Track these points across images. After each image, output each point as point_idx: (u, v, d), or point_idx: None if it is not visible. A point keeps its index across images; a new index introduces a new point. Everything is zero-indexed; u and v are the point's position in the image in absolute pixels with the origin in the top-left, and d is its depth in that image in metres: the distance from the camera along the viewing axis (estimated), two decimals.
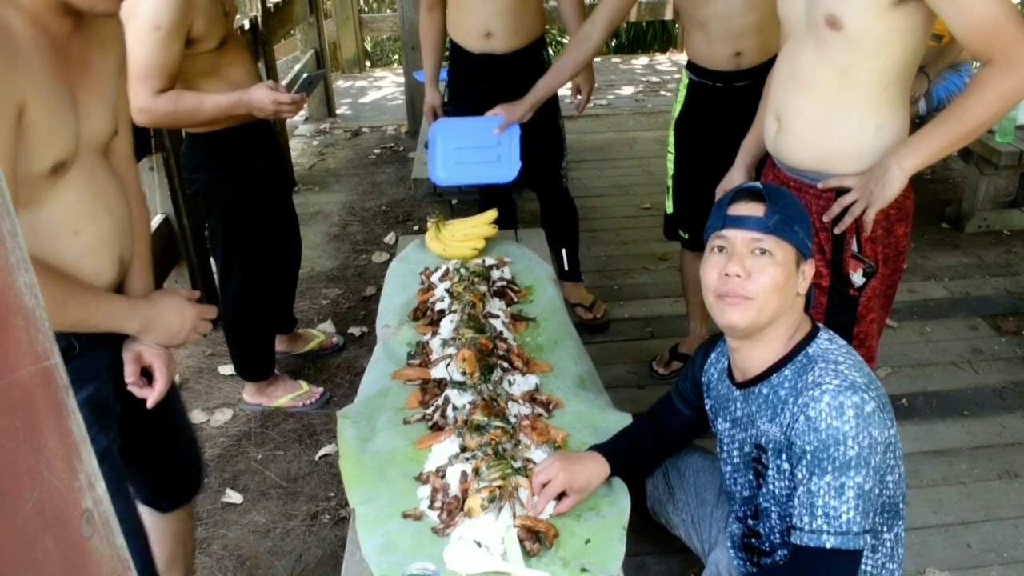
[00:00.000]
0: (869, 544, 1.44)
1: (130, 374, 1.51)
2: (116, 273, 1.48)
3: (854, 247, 1.78)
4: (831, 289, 1.82)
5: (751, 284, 1.44)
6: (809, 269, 1.51)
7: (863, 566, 1.52)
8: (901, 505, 1.54)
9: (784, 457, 1.47)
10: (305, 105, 3.39)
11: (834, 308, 1.83)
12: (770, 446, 1.50)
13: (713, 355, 1.73)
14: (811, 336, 1.51)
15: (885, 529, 1.53)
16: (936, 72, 4.02)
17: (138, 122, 2.30)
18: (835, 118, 1.74)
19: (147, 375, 1.55)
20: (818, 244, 1.80)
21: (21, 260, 0.45)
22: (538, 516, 1.55)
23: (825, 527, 1.35)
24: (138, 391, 1.53)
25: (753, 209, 1.46)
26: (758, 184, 1.51)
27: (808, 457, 1.38)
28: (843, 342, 1.53)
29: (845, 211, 1.73)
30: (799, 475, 1.40)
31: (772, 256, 1.44)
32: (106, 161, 1.46)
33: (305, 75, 2.53)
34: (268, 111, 2.35)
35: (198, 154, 2.51)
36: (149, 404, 1.53)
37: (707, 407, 1.73)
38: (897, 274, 1.88)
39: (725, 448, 1.67)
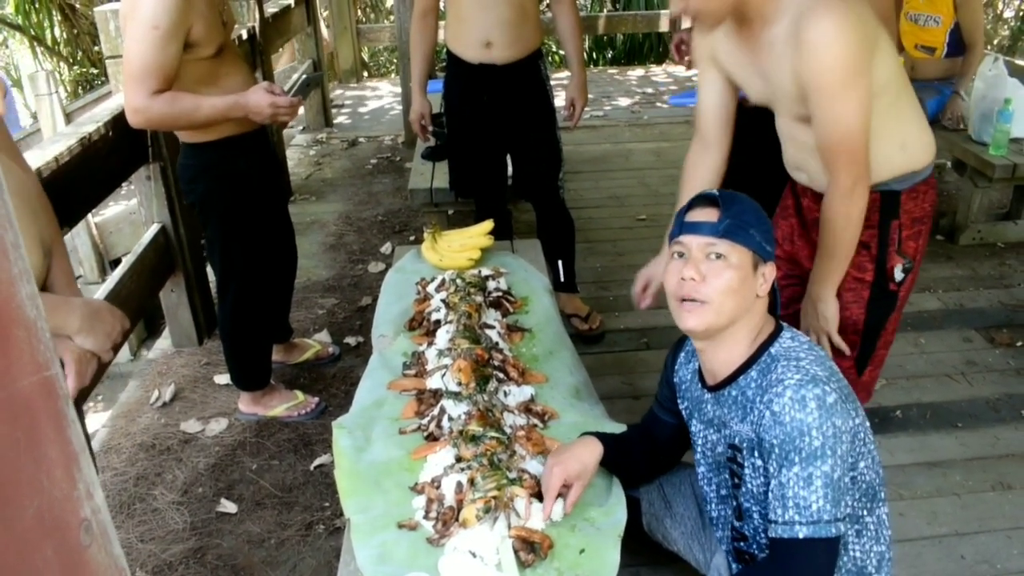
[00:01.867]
0: (846, 531, 1.46)
1: None
2: (40, 256, 1.44)
3: (897, 243, 1.87)
4: (874, 284, 1.90)
5: (705, 287, 1.48)
6: (769, 271, 1.55)
7: (851, 552, 1.54)
8: (879, 488, 1.56)
9: (757, 454, 1.50)
10: (302, 109, 3.32)
11: (875, 302, 1.92)
12: (744, 445, 1.53)
13: (682, 355, 1.77)
14: (774, 336, 1.55)
15: (866, 513, 1.55)
16: (964, 87, 4.06)
17: (132, 122, 2.29)
18: None
19: None
20: (864, 241, 1.86)
21: (23, 271, 0.45)
22: (548, 518, 1.56)
23: (797, 517, 1.38)
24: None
25: (707, 215, 1.52)
26: (714, 191, 1.57)
27: (776, 451, 1.42)
28: (805, 339, 1.57)
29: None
30: (770, 469, 1.44)
31: (726, 260, 1.49)
32: None
33: (304, 77, 2.54)
34: (265, 114, 2.34)
35: (195, 164, 2.51)
36: (71, 393, 1.49)
37: (682, 408, 1.76)
38: (916, 272, 1.98)
39: (699, 448, 1.71)
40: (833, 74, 1.59)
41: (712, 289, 1.48)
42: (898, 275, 1.88)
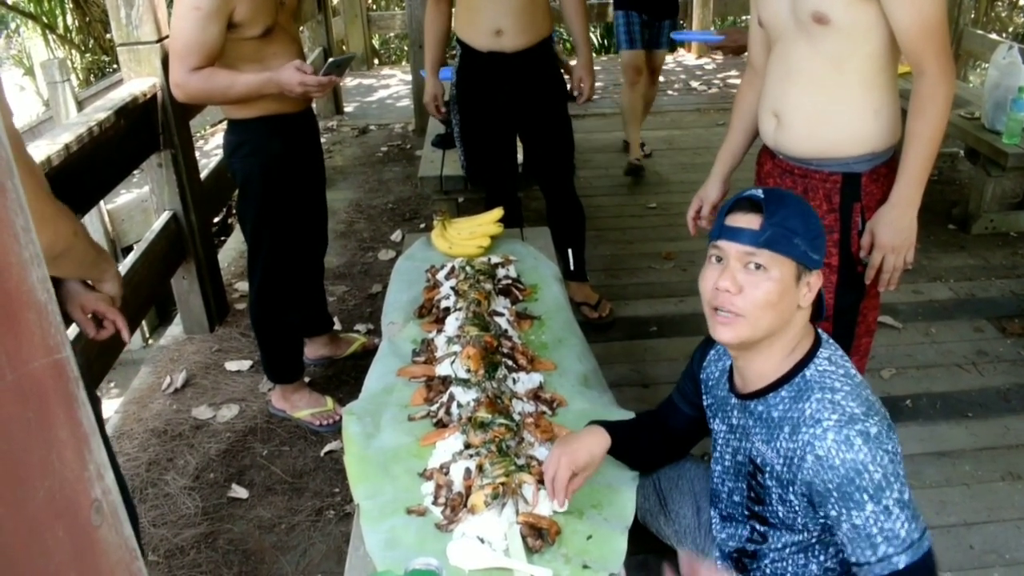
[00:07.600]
0: (931, 538, 1.38)
1: (90, 328, 1.55)
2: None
3: (860, 226, 1.87)
4: (840, 268, 1.91)
5: (741, 300, 1.39)
6: (815, 280, 1.45)
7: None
8: None
9: (792, 491, 1.43)
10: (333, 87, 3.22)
11: (844, 287, 1.92)
12: (767, 469, 1.48)
13: (712, 352, 1.72)
14: (811, 355, 1.47)
15: None
16: None
17: (175, 96, 2.37)
18: (835, 107, 1.83)
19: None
20: (827, 225, 1.86)
21: (34, 255, 0.46)
22: (560, 510, 1.56)
23: (891, 550, 1.32)
24: (106, 334, 1.60)
25: (749, 221, 1.41)
26: (759, 192, 1.45)
27: (835, 494, 1.34)
28: (841, 362, 1.48)
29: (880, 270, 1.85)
30: (833, 514, 1.36)
31: (766, 271, 1.39)
32: None
33: (331, 59, 2.54)
34: (296, 92, 2.36)
35: (235, 140, 2.54)
36: (127, 337, 1.63)
37: (705, 404, 1.73)
38: None
39: (719, 448, 1.67)
40: None
41: (748, 302, 1.39)
42: (864, 257, 1.89)
